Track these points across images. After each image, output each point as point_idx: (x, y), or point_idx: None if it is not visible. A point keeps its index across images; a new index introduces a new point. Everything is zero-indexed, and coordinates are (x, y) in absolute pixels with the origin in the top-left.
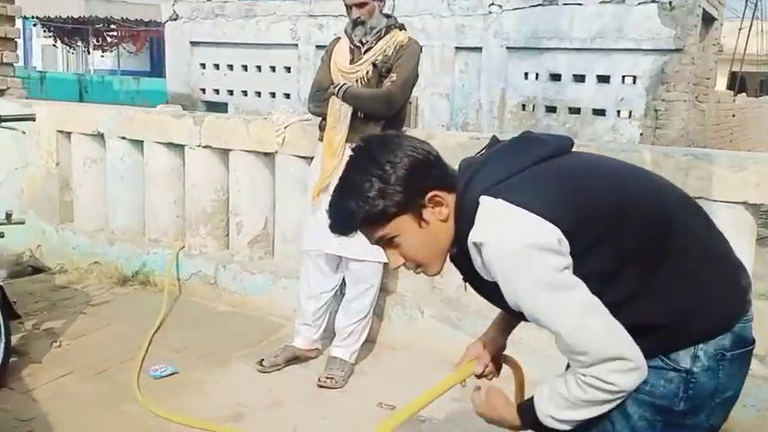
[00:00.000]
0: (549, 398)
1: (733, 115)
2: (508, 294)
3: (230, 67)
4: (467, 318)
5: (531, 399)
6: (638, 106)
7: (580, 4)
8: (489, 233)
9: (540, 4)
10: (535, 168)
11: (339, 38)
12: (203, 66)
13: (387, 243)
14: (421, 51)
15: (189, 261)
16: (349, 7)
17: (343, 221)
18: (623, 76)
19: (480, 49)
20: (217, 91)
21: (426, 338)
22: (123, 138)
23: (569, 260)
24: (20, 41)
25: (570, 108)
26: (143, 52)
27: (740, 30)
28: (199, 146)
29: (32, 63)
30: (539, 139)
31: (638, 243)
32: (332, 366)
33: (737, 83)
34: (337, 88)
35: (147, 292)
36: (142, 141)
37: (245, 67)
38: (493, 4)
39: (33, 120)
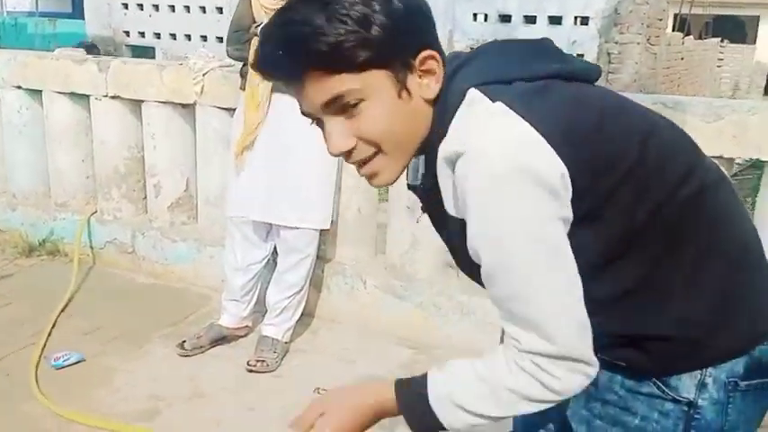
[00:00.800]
0: (453, 378)
1: (682, 58)
2: (474, 235)
3: (156, 7)
4: (413, 287)
5: (420, 379)
6: (590, 49)
7: None
8: (474, 141)
9: None
10: (550, 83)
11: None
12: (125, 6)
13: (340, 109)
14: None
15: (102, 227)
16: None
17: (290, 45)
18: (575, 17)
19: None
20: (142, 34)
21: (369, 310)
22: (19, 87)
23: (568, 211)
24: None
25: None
26: None
27: None
28: (106, 96)
29: None
30: (561, 51)
31: (659, 218)
32: (263, 347)
33: (687, 25)
34: (260, 28)
35: (57, 263)
36: (41, 91)
37: (172, 8)
38: None
39: None
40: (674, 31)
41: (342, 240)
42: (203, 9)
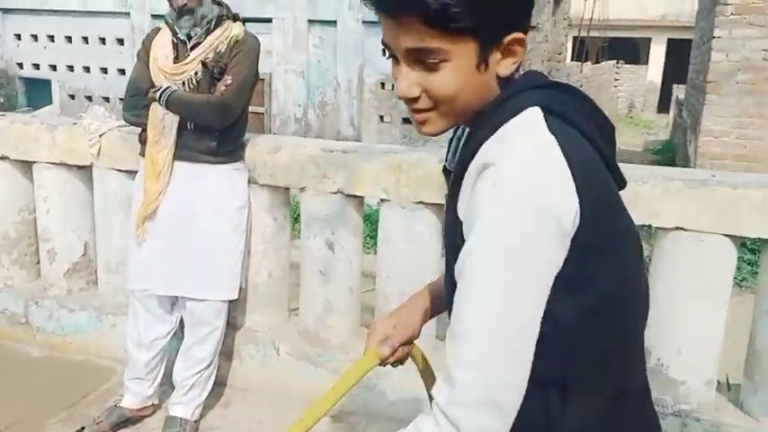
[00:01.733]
0: None
1: (581, 86)
2: (472, 245)
3: (51, 38)
4: (328, 353)
5: None
6: None
7: None
8: (515, 156)
9: None
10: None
11: (159, 29)
12: (18, 36)
13: (420, 59)
14: (260, 47)
15: None
16: None
17: None
18: None
19: (335, 22)
20: (37, 66)
21: (284, 378)
22: None
23: (560, 262)
24: None
25: None
26: None
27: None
28: None
29: None
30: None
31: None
32: (170, 428)
33: (585, 50)
34: (159, 93)
35: None
36: None
37: (68, 39)
38: None
39: None
40: (573, 53)
41: (252, 307)
42: (103, 41)
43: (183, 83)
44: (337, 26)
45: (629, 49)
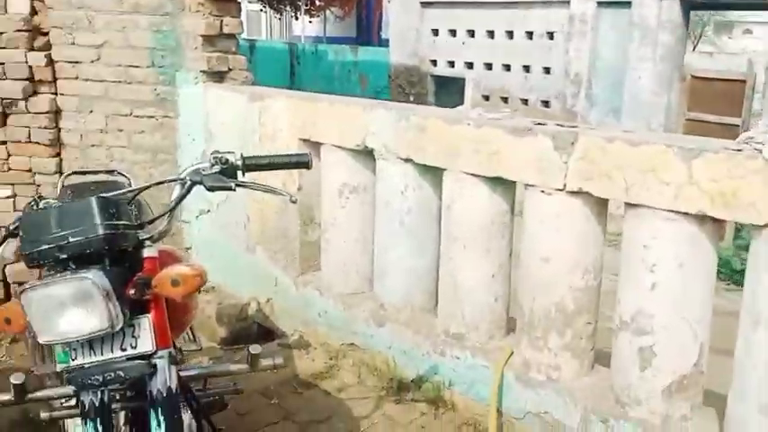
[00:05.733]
0: None
1: None
2: None
3: (470, 33)
4: None
5: None
6: None
7: None
8: None
9: None
10: None
11: None
12: (435, 32)
13: None
14: None
15: (520, 385)
16: None
17: None
18: None
19: None
20: (451, 63)
21: None
22: (408, 160)
23: None
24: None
25: None
26: (350, 16)
27: None
28: (562, 189)
29: None
30: None
31: None
32: None
33: None
34: None
35: (439, 420)
36: (442, 169)
37: (490, 33)
38: None
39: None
40: None
41: None
42: (530, 34)
43: None
44: None
45: None
